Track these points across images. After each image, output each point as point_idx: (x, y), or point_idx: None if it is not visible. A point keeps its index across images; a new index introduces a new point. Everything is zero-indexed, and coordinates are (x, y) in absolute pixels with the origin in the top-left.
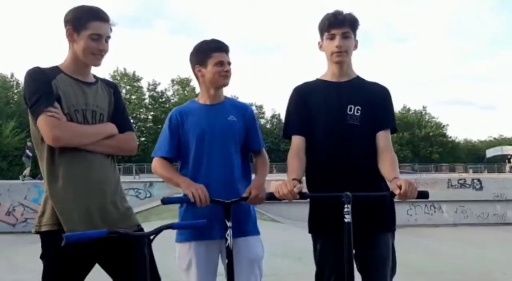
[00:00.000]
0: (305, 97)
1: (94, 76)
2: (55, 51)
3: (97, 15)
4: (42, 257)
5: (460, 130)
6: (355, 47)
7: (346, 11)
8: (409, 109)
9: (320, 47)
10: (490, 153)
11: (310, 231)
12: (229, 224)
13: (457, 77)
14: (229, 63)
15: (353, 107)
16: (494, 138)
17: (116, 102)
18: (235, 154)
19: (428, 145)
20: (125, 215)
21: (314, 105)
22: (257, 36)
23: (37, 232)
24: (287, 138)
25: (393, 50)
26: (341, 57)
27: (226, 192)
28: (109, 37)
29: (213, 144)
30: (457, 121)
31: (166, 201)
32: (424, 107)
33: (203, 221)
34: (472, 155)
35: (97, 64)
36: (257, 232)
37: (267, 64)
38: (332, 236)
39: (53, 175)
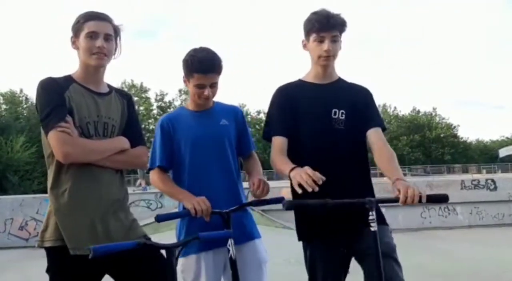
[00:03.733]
0: (290, 99)
1: (108, 86)
2: (64, 66)
3: (92, 15)
4: (48, 271)
5: (471, 131)
6: (339, 48)
7: (334, 11)
8: (419, 111)
9: (304, 46)
10: (503, 152)
11: (299, 239)
12: None
13: (466, 77)
14: (212, 85)
15: (337, 111)
16: (507, 138)
17: (130, 114)
18: (232, 159)
19: (439, 146)
20: (130, 228)
21: (299, 108)
22: (263, 42)
23: (40, 247)
24: (268, 139)
25: (402, 52)
26: (328, 61)
27: (229, 199)
28: (109, 35)
29: (209, 151)
30: (468, 122)
31: (160, 218)
32: (434, 109)
33: (230, 232)
34: (485, 155)
35: (100, 64)
36: (259, 235)
37: (274, 70)
38: (322, 242)
39: (59, 189)
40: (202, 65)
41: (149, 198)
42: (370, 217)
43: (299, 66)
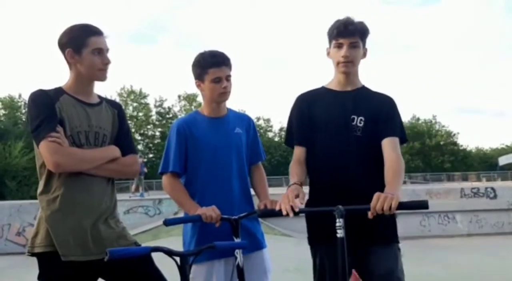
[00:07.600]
0: (308, 106)
1: (99, 97)
2: (63, 71)
3: (93, 30)
4: (39, 278)
5: (471, 138)
6: (364, 56)
7: (357, 19)
8: (418, 119)
9: (328, 54)
10: (502, 160)
11: (309, 243)
12: (237, 241)
13: (466, 84)
14: (228, 78)
15: (356, 117)
16: (506, 146)
17: (120, 124)
18: (246, 167)
19: (439, 154)
20: (120, 235)
21: (316, 114)
22: (264, 49)
23: (31, 254)
24: (289, 146)
25: (401, 58)
26: (347, 68)
27: (245, 206)
28: (108, 49)
29: (230, 158)
30: (467, 129)
31: (168, 222)
32: (434, 116)
33: (245, 242)
34: (485, 163)
35: (103, 78)
36: (266, 245)
37: (274, 77)
38: (329, 248)
39: (50, 197)
40: (215, 59)
41: (147, 204)
42: (338, 224)
43: (300, 71)
